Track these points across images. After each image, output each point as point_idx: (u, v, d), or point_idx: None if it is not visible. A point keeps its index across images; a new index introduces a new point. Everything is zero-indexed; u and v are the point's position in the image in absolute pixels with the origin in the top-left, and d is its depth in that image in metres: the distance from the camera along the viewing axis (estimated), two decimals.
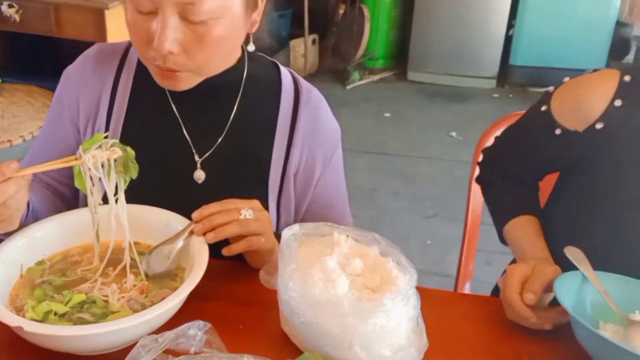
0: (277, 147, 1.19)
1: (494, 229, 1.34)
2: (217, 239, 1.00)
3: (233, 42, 1.09)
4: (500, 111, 4.20)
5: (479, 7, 4.55)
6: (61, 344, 0.89)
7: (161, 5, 0.98)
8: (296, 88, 1.22)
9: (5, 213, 0.94)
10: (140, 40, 1.04)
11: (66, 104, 1.20)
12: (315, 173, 1.22)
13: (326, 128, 1.23)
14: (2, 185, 0.91)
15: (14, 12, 2.71)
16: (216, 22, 1.01)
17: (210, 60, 1.07)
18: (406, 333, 0.90)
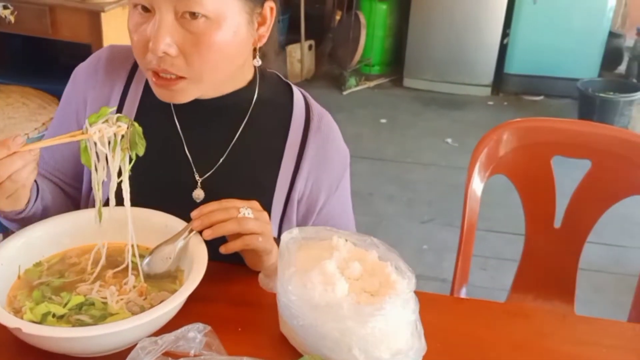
0: (283, 173, 1.17)
1: (489, 234, 1.35)
2: (215, 235, 1.00)
3: (234, 52, 1.06)
4: (495, 119, 4.25)
5: (474, 16, 4.57)
6: (60, 346, 0.88)
7: (156, 4, 0.98)
8: (307, 115, 1.19)
9: (11, 187, 0.93)
10: (138, 44, 1.03)
11: (74, 102, 1.20)
12: (319, 202, 1.21)
13: (334, 157, 1.21)
14: (8, 158, 0.90)
15: (8, 13, 2.70)
16: (214, 25, 1.00)
17: (209, 67, 1.04)
18: (405, 336, 0.90)
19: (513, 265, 1.66)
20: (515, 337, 1.02)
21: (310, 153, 1.17)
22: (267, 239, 1.03)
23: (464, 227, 1.56)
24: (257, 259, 1.06)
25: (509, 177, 1.57)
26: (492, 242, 2.84)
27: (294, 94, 1.22)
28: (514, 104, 4.59)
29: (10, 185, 0.93)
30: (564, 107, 4.45)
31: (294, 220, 1.20)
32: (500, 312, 1.08)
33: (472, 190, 1.54)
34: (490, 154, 1.54)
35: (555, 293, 1.56)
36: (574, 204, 1.54)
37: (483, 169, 1.54)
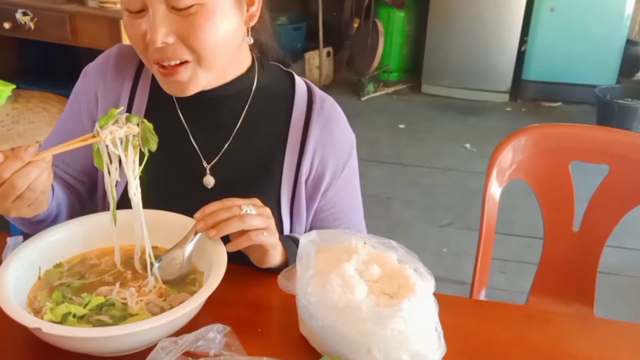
0: (289, 156, 1.19)
1: (508, 238, 1.34)
2: (220, 235, 1.00)
3: (228, 33, 1.08)
4: (513, 124, 4.23)
5: (492, 23, 4.56)
6: (80, 346, 0.89)
7: (149, 4, 1.01)
8: (310, 98, 1.22)
9: (31, 197, 0.94)
10: (137, 41, 1.06)
11: (84, 98, 1.22)
12: (323, 183, 1.22)
13: (339, 138, 1.22)
14: (24, 170, 0.91)
15: (28, 20, 2.73)
16: (203, 7, 1.02)
17: (208, 47, 1.06)
18: (424, 338, 0.90)
19: (532, 269, 1.65)
20: (535, 340, 1.01)
21: (314, 133, 1.19)
22: (272, 233, 1.04)
23: (482, 231, 1.56)
24: (263, 255, 1.06)
25: (527, 181, 1.56)
26: (511, 246, 2.83)
27: (296, 80, 1.24)
28: (532, 110, 4.57)
29: (29, 194, 0.94)
30: (582, 114, 4.43)
31: (304, 202, 1.22)
32: (519, 315, 1.08)
33: (491, 194, 1.53)
34: (509, 158, 1.54)
35: (575, 296, 1.55)
36: (592, 208, 1.53)
37: (501, 174, 1.54)
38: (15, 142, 2.40)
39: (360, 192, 1.31)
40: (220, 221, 1.00)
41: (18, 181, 0.90)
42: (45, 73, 3.16)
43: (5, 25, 2.72)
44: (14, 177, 0.90)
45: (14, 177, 0.90)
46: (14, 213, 0.97)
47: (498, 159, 1.53)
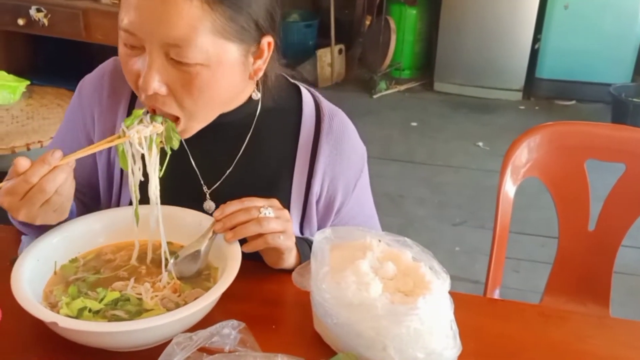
0: (297, 178, 1.16)
1: (522, 237, 1.33)
2: (236, 238, 1.00)
3: (227, 90, 1.03)
4: (527, 123, 4.21)
5: (505, 20, 4.53)
6: (96, 340, 0.89)
7: (147, 44, 0.93)
8: (318, 116, 1.17)
9: (58, 201, 0.95)
10: (129, 77, 1.00)
11: (80, 116, 1.19)
12: (336, 203, 1.19)
13: (349, 156, 1.18)
14: (52, 174, 0.91)
15: (42, 17, 2.75)
16: (205, 69, 0.95)
17: (201, 106, 1.01)
18: (440, 336, 0.89)
19: (545, 268, 1.65)
20: (552, 340, 1.01)
21: (324, 154, 1.15)
22: (289, 236, 1.03)
23: (496, 230, 1.55)
24: (278, 257, 1.06)
25: (542, 180, 1.55)
26: (525, 245, 2.82)
27: (303, 95, 1.18)
28: (546, 109, 4.54)
29: (57, 199, 0.94)
30: (596, 112, 4.39)
31: (315, 222, 1.20)
32: (535, 314, 1.07)
33: (505, 193, 1.52)
34: (524, 156, 1.53)
35: (589, 296, 1.54)
36: (608, 207, 1.52)
37: (515, 172, 1.53)
38: (30, 138, 2.42)
39: (372, 201, 1.28)
40: (238, 224, 0.99)
41: (47, 185, 0.91)
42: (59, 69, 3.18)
43: (19, 21, 2.74)
44: (42, 182, 0.91)
45: (42, 182, 0.91)
46: (39, 220, 0.96)
47: (512, 156, 1.52)
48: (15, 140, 2.40)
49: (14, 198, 0.92)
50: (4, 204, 0.94)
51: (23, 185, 0.90)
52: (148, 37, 0.93)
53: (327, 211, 1.20)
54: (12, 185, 0.91)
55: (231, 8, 0.94)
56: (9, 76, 2.72)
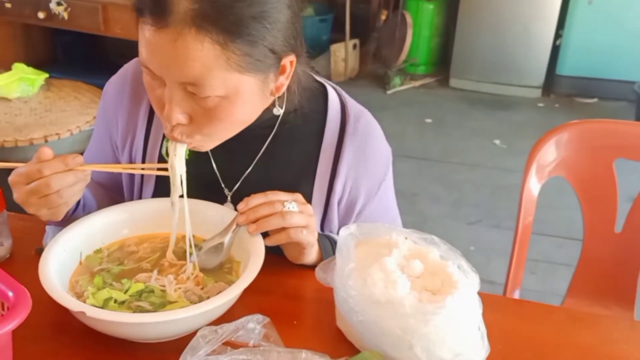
0: (319, 179, 1.14)
1: (540, 237, 1.31)
2: (259, 231, 1.00)
3: (248, 114, 1.02)
4: (546, 121, 4.17)
5: (525, 15, 4.47)
6: (122, 331, 0.90)
7: (164, 79, 0.93)
8: (343, 118, 1.14)
9: (56, 201, 0.96)
10: (154, 103, 1.00)
11: (105, 122, 1.20)
12: (358, 205, 1.18)
13: (373, 159, 1.16)
14: (63, 174, 0.95)
15: (62, 10, 2.76)
16: (223, 100, 0.94)
17: (222, 131, 1.01)
18: (467, 337, 0.88)
19: (564, 270, 1.63)
20: (581, 343, 0.99)
21: (347, 156, 1.13)
22: (311, 231, 1.02)
23: (518, 229, 1.53)
24: (300, 252, 1.05)
25: (567, 179, 1.53)
26: (543, 246, 2.79)
27: (329, 94, 1.16)
28: (566, 106, 4.48)
29: (55, 198, 0.96)
30: (619, 110, 4.32)
31: (336, 223, 1.19)
32: (563, 316, 1.05)
33: (528, 192, 1.50)
34: (549, 154, 1.50)
35: (614, 299, 1.51)
36: (636, 208, 1.49)
37: (540, 170, 1.51)
38: (48, 130, 2.42)
39: (395, 203, 1.27)
40: (262, 217, 0.99)
41: (53, 182, 0.94)
42: (77, 63, 3.19)
43: (39, 14, 2.75)
44: (51, 177, 0.94)
45: (51, 177, 0.94)
46: (32, 209, 0.98)
47: (537, 155, 1.49)
48: (34, 132, 2.40)
49: (21, 180, 0.96)
50: (12, 182, 0.97)
51: (35, 173, 0.94)
52: (164, 75, 0.92)
53: (348, 212, 1.19)
54: (27, 170, 0.95)
55: (245, 44, 0.90)
56: (28, 69, 2.72)
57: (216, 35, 0.87)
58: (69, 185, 0.96)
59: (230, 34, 0.88)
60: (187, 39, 0.87)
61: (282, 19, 0.93)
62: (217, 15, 0.87)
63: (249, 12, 0.89)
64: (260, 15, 0.90)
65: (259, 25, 0.90)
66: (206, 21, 0.86)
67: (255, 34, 0.90)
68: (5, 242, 1.12)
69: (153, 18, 0.88)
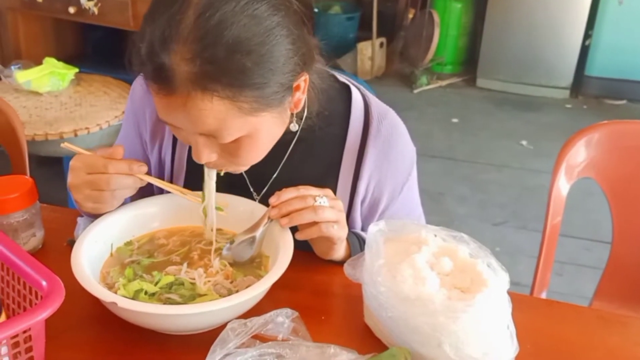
0: (342, 180, 1.15)
1: (566, 239, 1.29)
2: (291, 224, 1.00)
3: (273, 138, 1.03)
4: (574, 122, 4.12)
5: (554, 15, 4.42)
6: (153, 322, 0.91)
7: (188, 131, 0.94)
8: (366, 119, 1.14)
9: (107, 199, 0.99)
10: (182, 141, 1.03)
11: (134, 118, 1.21)
12: (381, 205, 1.18)
13: (397, 160, 1.15)
14: (124, 177, 0.98)
15: (92, 5, 2.78)
16: (245, 138, 0.95)
17: (253, 159, 1.02)
18: (497, 335, 0.88)
19: (591, 272, 1.62)
20: (611, 345, 0.98)
21: (370, 158, 1.13)
22: (342, 227, 1.02)
23: (546, 230, 1.51)
24: (329, 247, 1.06)
25: (597, 180, 1.51)
26: (569, 248, 2.76)
27: (353, 97, 1.15)
28: (594, 108, 4.42)
29: (108, 196, 0.99)
30: None
31: (359, 223, 1.19)
32: (593, 317, 1.04)
33: (557, 193, 1.48)
34: (579, 155, 1.48)
35: None
36: None
37: (570, 171, 1.49)
38: (77, 124, 2.45)
39: (419, 203, 1.26)
40: (294, 211, 0.99)
41: (112, 181, 0.97)
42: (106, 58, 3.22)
43: (70, 9, 2.79)
44: (113, 176, 0.97)
45: (113, 176, 0.97)
46: (80, 198, 1.00)
47: (567, 155, 1.47)
48: (64, 126, 2.43)
49: (83, 168, 0.98)
50: (72, 166, 0.99)
51: (99, 167, 0.97)
52: (184, 127, 0.93)
53: (371, 212, 1.19)
54: (92, 160, 0.98)
55: (253, 90, 0.89)
56: (59, 63, 2.75)
57: (223, 92, 0.87)
58: (125, 188, 0.99)
59: (236, 87, 0.87)
60: (196, 101, 0.87)
61: (283, 52, 0.90)
62: (219, 73, 0.85)
63: (249, 60, 0.86)
64: (260, 60, 0.88)
65: (262, 70, 0.88)
66: (209, 81, 0.85)
67: (261, 80, 0.89)
68: (37, 233, 1.14)
69: (158, 86, 0.89)
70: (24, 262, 0.85)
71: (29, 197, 1.10)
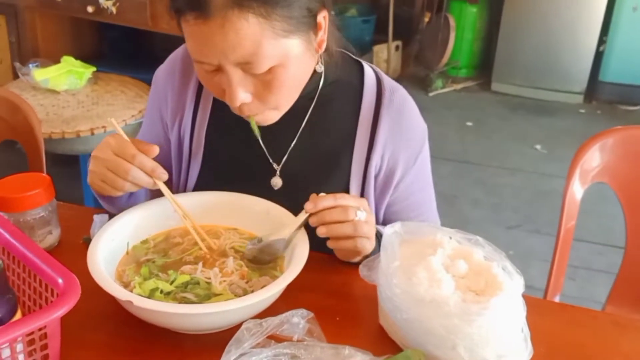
0: (358, 150, 1.17)
1: (579, 244, 1.29)
2: (329, 235, 1.01)
3: (303, 74, 1.07)
4: (588, 127, 4.11)
5: (569, 21, 4.41)
6: (168, 321, 0.91)
7: (222, 67, 0.97)
8: (379, 90, 1.18)
9: (118, 185, 1.02)
10: (214, 91, 1.05)
11: (156, 103, 1.25)
12: (395, 176, 1.19)
13: (410, 130, 1.19)
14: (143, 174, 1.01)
15: (111, 5, 2.80)
16: (279, 68, 0.99)
17: (285, 98, 1.06)
18: (511, 339, 0.88)
19: (603, 277, 1.61)
20: (625, 348, 0.98)
21: (384, 127, 1.16)
22: (372, 242, 1.04)
23: (560, 234, 1.51)
24: (353, 255, 1.07)
25: (611, 185, 1.50)
26: (582, 252, 2.75)
27: (365, 70, 1.20)
28: (608, 113, 4.41)
29: (121, 183, 1.02)
30: None
31: (373, 197, 1.20)
32: (608, 322, 1.04)
33: (571, 197, 1.48)
34: (593, 160, 1.48)
35: None
36: None
37: (584, 176, 1.48)
38: (94, 123, 2.47)
39: (432, 185, 1.28)
40: (334, 222, 1.00)
41: (132, 172, 1.01)
42: (124, 57, 3.24)
43: (88, 9, 2.80)
44: (134, 168, 1.01)
45: (134, 168, 1.01)
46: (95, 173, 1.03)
47: (581, 160, 1.47)
48: (81, 124, 2.45)
49: (114, 147, 1.01)
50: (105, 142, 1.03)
51: (127, 154, 1.01)
52: (220, 61, 0.96)
53: (385, 185, 1.20)
54: (125, 145, 1.01)
55: (284, 9, 0.95)
56: (77, 62, 2.78)
57: (257, 9, 0.92)
58: (138, 182, 1.02)
59: (269, 4, 0.92)
60: (233, 20, 0.91)
61: None
62: None
63: None
64: None
65: None
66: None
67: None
68: (54, 230, 1.15)
69: (195, 13, 0.93)
70: (40, 259, 0.85)
71: (46, 194, 1.11)
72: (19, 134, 1.65)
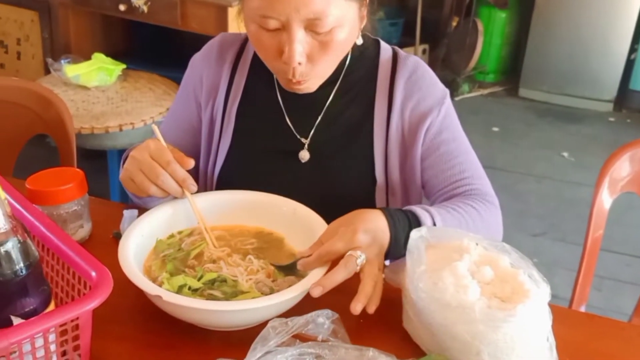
0: (378, 114, 1.23)
1: (606, 254, 1.27)
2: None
3: (351, 41, 1.15)
4: (617, 136, 4.05)
5: (600, 28, 4.35)
6: (196, 317, 0.92)
7: (288, 23, 1.03)
8: (394, 59, 1.25)
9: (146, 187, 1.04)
10: (268, 54, 1.11)
11: (191, 84, 1.31)
12: (421, 128, 1.20)
13: (426, 85, 1.22)
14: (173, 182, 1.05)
15: (142, 4, 2.83)
16: (338, 29, 1.06)
17: (331, 64, 1.14)
18: (536, 347, 0.87)
19: (630, 288, 1.59)
20: None
21: (399, 88, 1.22)
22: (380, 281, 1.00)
23: (587, 243, 1.50)
24: None
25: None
26: (609, 263, 2.71)
27: (382, 46, 1.27)
28: (638, 122, 4.34)
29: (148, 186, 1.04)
30: None
31: (397, 163, 1.23)
32: (634, 333, 1.02)
33: (599, 206, 1.47)
34: (623, 169, 1.47)
35: None
36: None
37: (613, 185, 1.47)
38: (123, 120, 2.50)
39: (467, 142, 1.28)
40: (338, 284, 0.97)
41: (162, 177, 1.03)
42: (153, 55, 3.27)
43: (120, 7, 2.84)
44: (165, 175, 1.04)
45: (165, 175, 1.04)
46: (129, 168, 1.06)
47: (611, 169, 1.46)
48: (109, 120, 2.49)
49: (152, 151, 1.04)
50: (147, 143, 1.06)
51: (163, 160, 1.04)
52: (290, 17, 1.02)
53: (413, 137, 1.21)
54: (163, 152, 1.05)
55: None
56: (107, 59, 2.82)
57: None
58: (167, 189, 1.05)
59: None
60: None
61: None
62: None
63: None
64: None
65: None
66: None
67: None
68: (85, 224, 1.17)
69: None
70: (74, 252, 0.86)
71: (79, 189, 1.13)
72: (51, 128, 1.68)
